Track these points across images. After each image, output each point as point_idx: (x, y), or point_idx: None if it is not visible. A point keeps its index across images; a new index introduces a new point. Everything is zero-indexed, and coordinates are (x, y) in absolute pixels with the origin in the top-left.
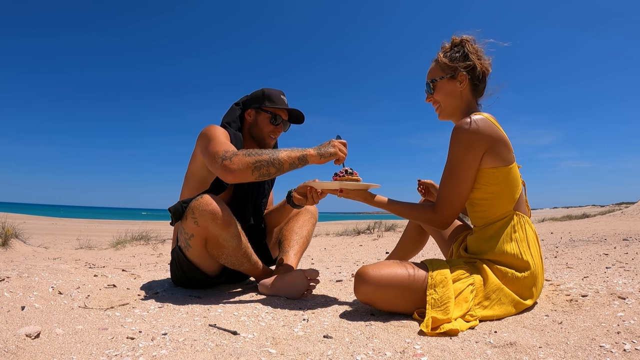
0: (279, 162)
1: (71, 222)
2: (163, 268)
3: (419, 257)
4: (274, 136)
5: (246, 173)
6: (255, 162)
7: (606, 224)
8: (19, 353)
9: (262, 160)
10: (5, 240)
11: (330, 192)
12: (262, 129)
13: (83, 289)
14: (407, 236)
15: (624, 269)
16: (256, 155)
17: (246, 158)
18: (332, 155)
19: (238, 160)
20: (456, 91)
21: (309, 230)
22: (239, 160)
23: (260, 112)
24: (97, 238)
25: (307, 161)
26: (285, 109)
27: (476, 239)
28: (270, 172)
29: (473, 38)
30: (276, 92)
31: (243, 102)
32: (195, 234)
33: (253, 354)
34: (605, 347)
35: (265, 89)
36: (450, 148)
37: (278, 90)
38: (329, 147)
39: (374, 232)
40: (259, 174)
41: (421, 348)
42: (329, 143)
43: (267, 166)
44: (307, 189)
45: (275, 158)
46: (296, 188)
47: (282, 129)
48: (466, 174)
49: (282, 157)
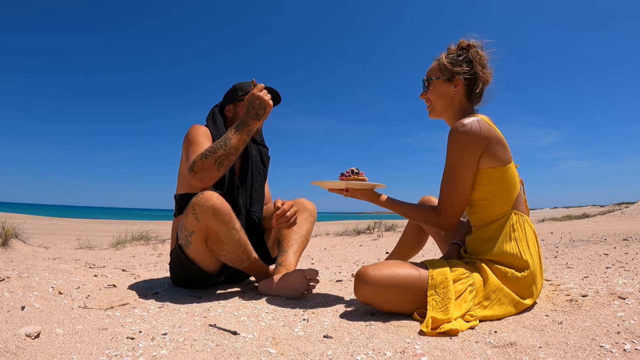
0: (235, 149)
1: (71, 222)
2: (163, 268)
3: (419, 257)
4: None
5: (213, 174)
6: (215, 160)
7: (606, 224)
8: (19, 353)
9: (219, 156)
10: (5, 240)
11: (337, 192)
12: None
13: (83, 289)
14: (407, 236)
15: (624, 269)
16: (211, 154)
17: (204, 161)
18: (264, 109)
19: (199, 168)
20: (449, 94)
21: (308, 229)
22: (200, 166)
23: (237, 103)
24: (97, 238)
25: (253, 130)
26: None
27: (475, 239)
28: (231, 160)
29: (481, 45)
30: (246, 82)
31: (220, 103)
32: (196, 231)
33: (253, 354)
34: (605, 347)
35: (235, 83)
36: (447, 151)
37: (248, 81)
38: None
39: (374, 232)
40: (224, 168)
41: (421, 348)
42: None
43: (227, 157)
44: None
45: (229, 148)
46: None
47: None
48: (465, 177)
49: (234, 144)
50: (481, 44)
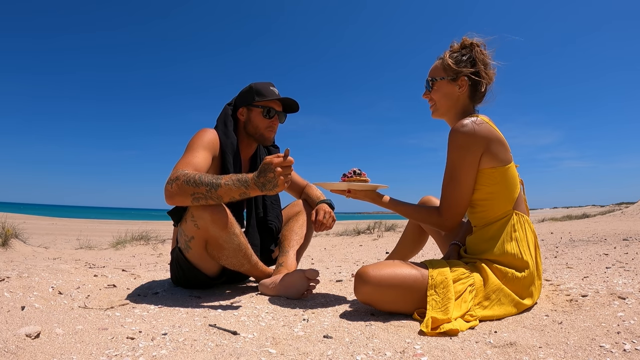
0: (217, 199)
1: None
2: (163, 268)
3: (419, 257)
4: (271, 130)
5: (184, 201)
6: (194, 193)
7: (606, 224)
8: (19, 353)
9: (199, 192)
10: (5, 240)
11: (339, 193)
12: (258, 125)
13: (83, 289)
14: (407, 236)
15: (624, 269)
16: (194, 186)
17: (184, 187)
18: (273, 187)
19: (176, 188)
20: (454, 94)
21: (309, 230)
22: (177, 188)
23: (251, 108)
24: (97, 238)
25: (249, 196)
26: (277, 100)
27: (476, 239)
28: (209, 203)
29: (484, 43)
30: (265, 84)
31: (234, 101)
32: (195, 236)
33: (253, 354)
34: (605, 347)
35: (252, 83)
36: (448, 152)
37: (267, 82)
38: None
39: (374, 232)
40: (198, 204)
41: (421, 348)
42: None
43: (205, 199)
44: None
45: (213, 194)
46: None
47: (277, 121)
48: (466, 177)
49: (221, 194)
50: (484, 42)
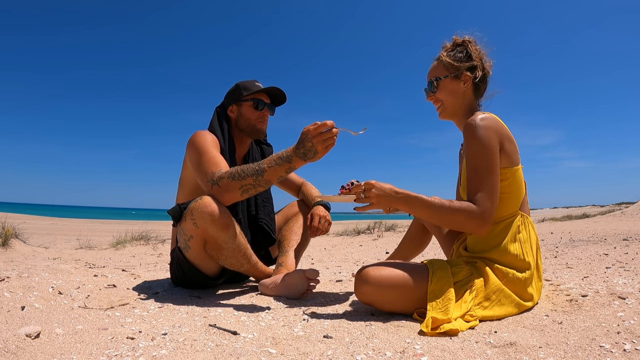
0: (266, 183)
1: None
2: (163, 268)
3: (419, 257)
4: (262, 121)
5: (234, 197)
6: (242, 186)
7: (606, 224)
8: (19, 353)
9: (246, 184)
10: (5, 240)
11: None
12: (249, 118)
13: (83, 289)
14: (409, 236)
15: (624, 269)
16: (240, 179)
17: (231, 182)
18: (314, 155)
19: (224, 185)
20: (459, 91)
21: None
22: (225, 185)
23: (241, 103)
24: (97, 238)
25: (295, 169)
26: (263, 92)
27: (479, 237)
28: (258, 191)
29: (475, 39)
30: (250, 81)
31: (223, 102)
32: (194, 236)
33: (253, 354)
34: (605, 347)
35: (238, 82)
36: (468, 146)
37: (252, 79)
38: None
39: (374, 232)
40: (247, 195)
41: (421, 348)
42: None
43: (254, 187)
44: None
45: (260, 180)
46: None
47: (267, 112)
48: (494, 164)
49: (268, 177)
50: (474, 39)
